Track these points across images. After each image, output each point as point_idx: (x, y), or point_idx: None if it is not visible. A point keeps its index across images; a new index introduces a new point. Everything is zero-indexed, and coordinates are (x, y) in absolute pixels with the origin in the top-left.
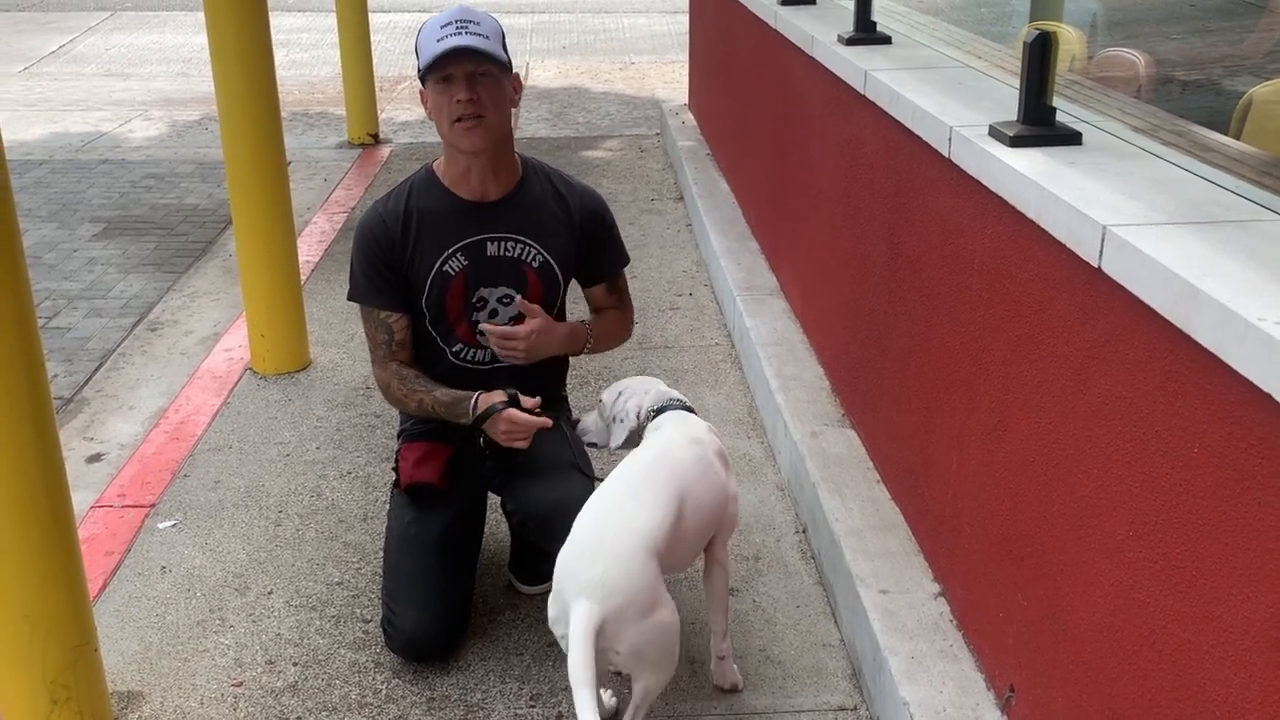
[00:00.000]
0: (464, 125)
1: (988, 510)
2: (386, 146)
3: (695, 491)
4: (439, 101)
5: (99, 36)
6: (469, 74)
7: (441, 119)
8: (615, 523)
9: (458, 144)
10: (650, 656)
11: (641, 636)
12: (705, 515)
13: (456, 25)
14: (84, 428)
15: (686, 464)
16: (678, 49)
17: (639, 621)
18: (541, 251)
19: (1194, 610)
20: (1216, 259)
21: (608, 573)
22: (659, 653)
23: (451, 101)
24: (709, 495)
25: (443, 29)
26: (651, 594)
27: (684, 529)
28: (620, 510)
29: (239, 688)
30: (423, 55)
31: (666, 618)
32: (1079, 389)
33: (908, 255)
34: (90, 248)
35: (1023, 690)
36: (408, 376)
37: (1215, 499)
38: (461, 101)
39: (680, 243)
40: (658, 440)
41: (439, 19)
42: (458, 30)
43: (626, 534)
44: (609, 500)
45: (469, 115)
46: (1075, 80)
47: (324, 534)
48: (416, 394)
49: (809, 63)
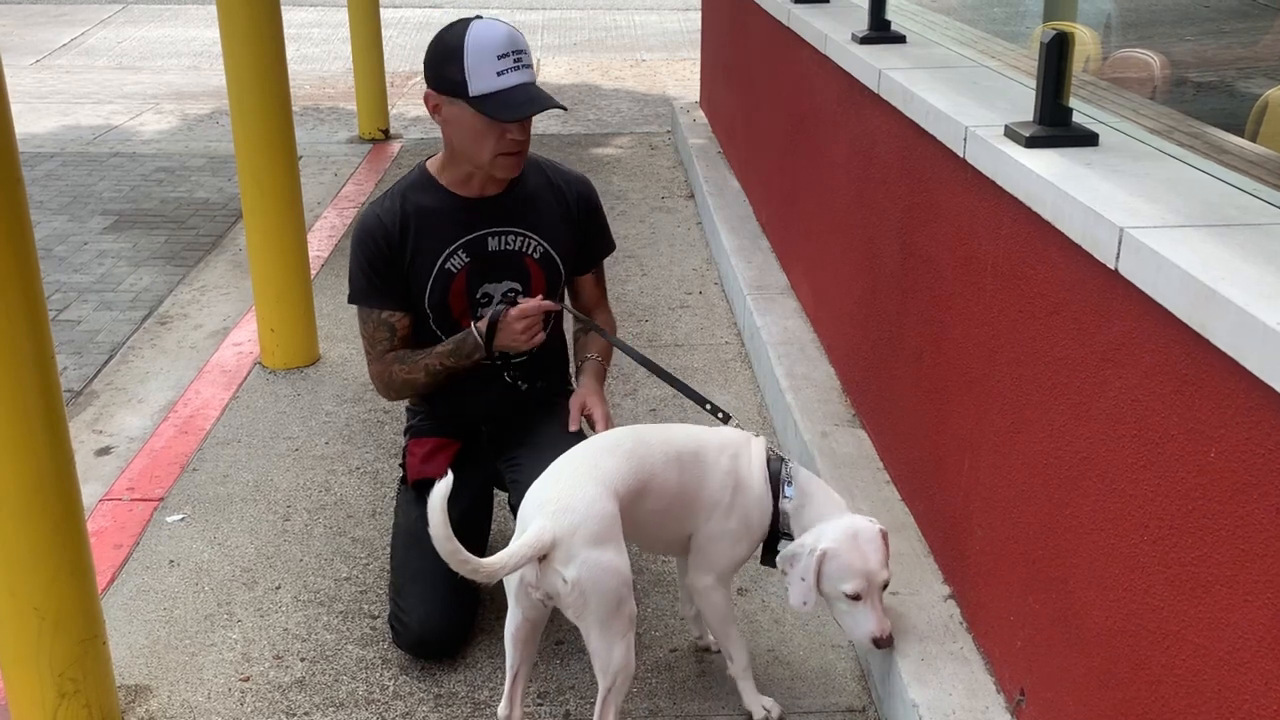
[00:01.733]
0: (510, 160)
1: (999, 512)
2: (397, 142)
3: (666, 478)
4: (484, 131)
5: (111, 29)
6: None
7: (482, 148)
8: (582, 459)
9: (496, 173)
10: (592, 597)
11: (586, 567)
12: (672, 502)
13: (515, 58)
14: (93, 421)
15: (658, 451)
16: (689, 46)
17: (588, 548)
18: (542, 243)
19: (1209, 615)
20: (1234, 262)
21: (565, 493)
22: (601, 594)
23: (503, 137)
24: (686, 487)
25: (499, 60)
26: (605, 525)
27: (649, 507)
28: (588, 457)
29: (246, 682)
30: (475, 81)
31: (614, 559)
32: (1094, 391)
33: (921, 255)
34: (101, 241)
35: (1033, 694)
36: (404, 355)
37: (1232, 503)
38: (516, 141)
39: (690, 241)
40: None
41: (490, 41)
42: (515, 64)
43: (590, 467)
44: (580, 450)
45: (518, 151)
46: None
47: (332, 529)
48: (420, 362)
49: (822, 61)
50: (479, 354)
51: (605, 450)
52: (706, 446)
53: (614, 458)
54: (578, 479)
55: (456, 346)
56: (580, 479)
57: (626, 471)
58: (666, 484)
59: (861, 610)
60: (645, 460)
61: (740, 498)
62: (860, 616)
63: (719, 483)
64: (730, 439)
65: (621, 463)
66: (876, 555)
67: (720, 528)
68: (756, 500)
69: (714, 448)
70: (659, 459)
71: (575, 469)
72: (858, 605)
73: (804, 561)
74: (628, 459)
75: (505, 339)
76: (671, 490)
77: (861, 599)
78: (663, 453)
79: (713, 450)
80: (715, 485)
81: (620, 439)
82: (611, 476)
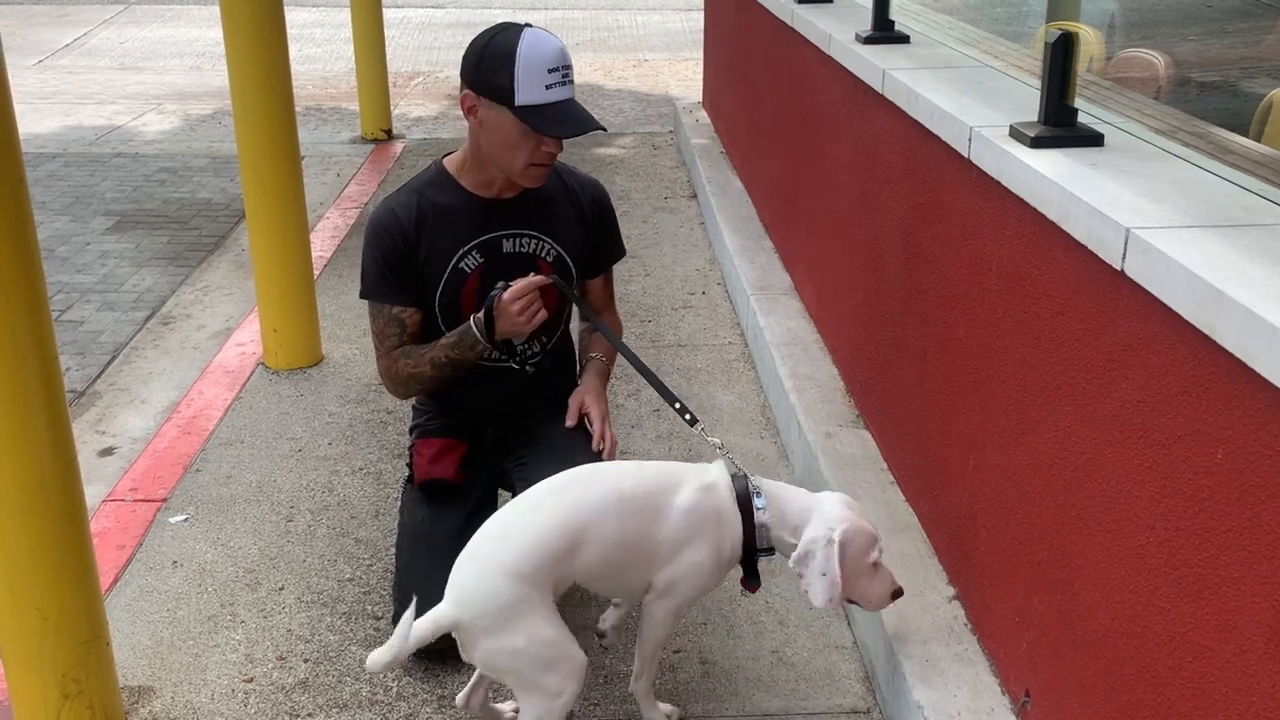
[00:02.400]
0: (540, 171)
1: (1004, 513)
2: (400, 142)
3: (603, 527)
4: (520, 141)
5: (113, 30)
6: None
7: (516, 156)
8: (496, 535)
9: (524, 182)
10: (503, 675)
11: (489, 655)
12: (612, 553)
13: (563, 73)
14: (96, 421)
15: (595, 499)
16: (692, 46)
17: (487, 639)
18: (555, 246)
19: (1215, 618)
20: (1241, 263)
21: (468, 580)
22: (511, 672)
23: (538, 149)
24: (630, 536)
25: (550, 73)
26: (505, 614)
27: (587, 560)
28: (501, 532)
29: (250, 683)
30: (524, 92)
31: (518, 644)
32: (1100, 392)
33: (925, 256)
34: (103, 241)
35: (1038, 696)
36: (409, 350)
37: (1239, 505)
38: (550, 154)
39: (693, 241)
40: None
41: (544, 55)
42: (563, 79)
43: (498, 547)
44: (514, 508)
45: (549, 164)
46: (1094, 81)
47: (335, 530)
48: (425, 356)
49: (826, 61)
50: (481, 345)
51: (525, 513)
52: (660, 488)
53: (528, 531)
54: (482, 568)
55: (459, 339)
56: (484, 568)
57: (541, 542)
58: (604, 535)
59: (882, 572)
60: (573, 516)
61: (718, 532)
62: (881, 579)
63: (676, 524)
64: (690, 476)
65: (538, 534)
66: (867, 519)
67: (686, 567)
68: (730, 530)
69: (668, 488)
70: (594, 510)
71: (482, 555)
72: (878, 570)
73: (821, 554)
74: (546, 526)
75: (505, 324)
76: (610, 540)
77: (879, 565)
78: (600, 502)
79: (666, 493)
80: (671, 528)
81: (547, 494)
82: (520, 556)
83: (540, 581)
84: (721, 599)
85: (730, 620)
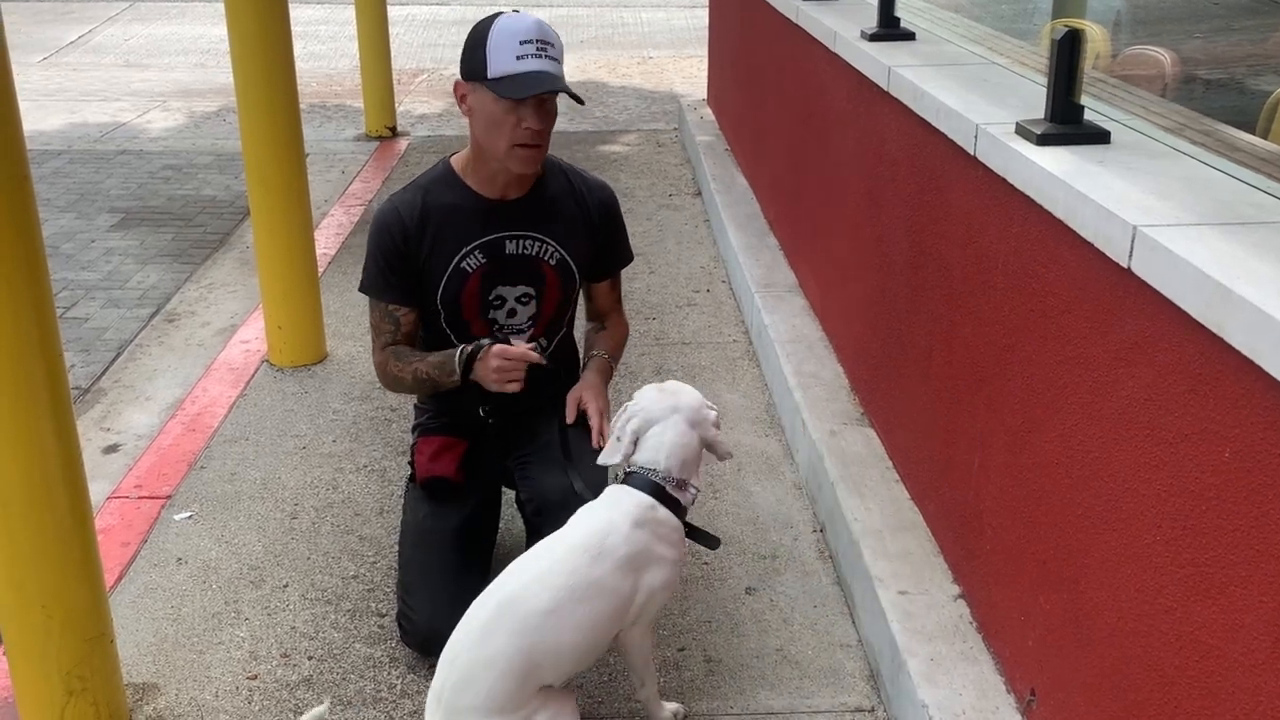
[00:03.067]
0: (525, 153)
1: (1010, 512)
2: (404, 139)
3: (552, 631)
4: (501, 119)
5: (118, 27)
6: (541, 101)
7: (499, 136)
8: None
9: (512, 166)
10: None
11: None
12: (583, 634)
13: (538, 46)
14: (101, 418)
15: (539, 609)
16: (696, 43)
17: None
18: (559, 249)
19: (1222, 617)
20: (1249, 260)
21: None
22: None
23: (519, 126)
24: (586, 615)
25: (522, 45)
26: None
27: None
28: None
29: (254, 680)
30: (494, 63)
31: None
32: (1106, 390)
33: (930, 253)
34: (108, 238)
35: (1044, 694)
36: (403, 352)
37: (1246, 504)
38: (531, 130)
39: (698, 238)
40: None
41: (516, 28)
42: (539, 52)
43: (462, 696)
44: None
45: (533, 144)
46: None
47: (340, 527)
48: (411, 364)
49: (831, 58)
50: (456, 378)
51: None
52: (596, 563)
53: (493, 671)
54: (454, 708)
55: (442, 363)
56: (457, 707)
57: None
58: (570, 627)
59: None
60: (523, 639)
61: (662, 543)
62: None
63: (622, 570)
64: (606, 523)
65: (499, 677)
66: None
67: (649, 591)
68: (667, 528)
69: (594, 552)
70: (545, 628)
71: (453, 689)
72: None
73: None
74: (503, 658)
75: (481, 371)
76: (585, 626)
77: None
78: (539, 615)
79: (590, 557)
80: (619, 579)
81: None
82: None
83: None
84: (726, 597)
85: (735, 619)
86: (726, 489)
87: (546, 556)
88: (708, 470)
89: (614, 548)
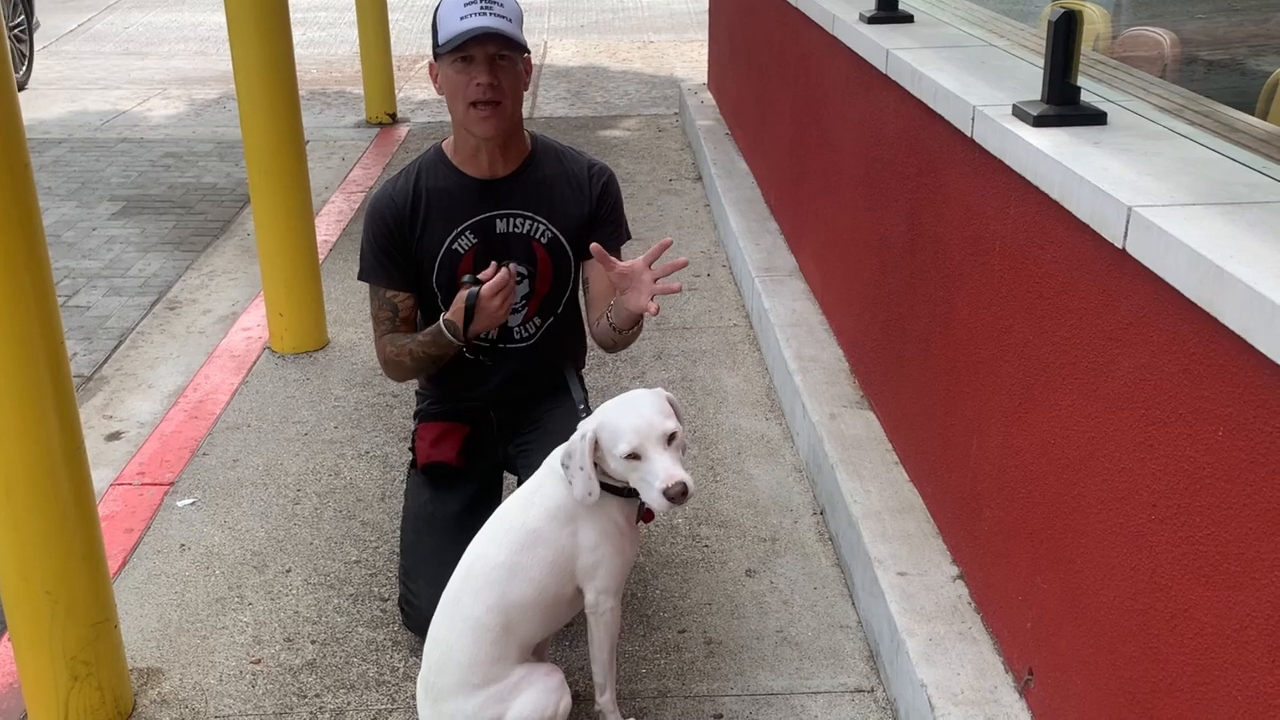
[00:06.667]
0: (481, 113)
1: (1008, 493)
2: (404, 126)
3: (511, 584)
4: (456, 81)
5: (118, 15)
6: (490, 57)
7: (457, 100)
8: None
9: (472, 129)
10: None
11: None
12: (534, 586)
13: (482, 5)
14: (103, 406)
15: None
16: (697, 28)
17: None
18: (550, 228)
19: (1217, 595)
20: (1244, 240)
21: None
22: None
23: (470, 84)
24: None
25: (466, 6)
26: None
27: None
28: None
29: (258, 665)
30: (442, 31)
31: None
32: (1102, 371)
33: (929, 236)
34: (109, 226)
35: (1041, 673)
36: (396, 338)
37: (1240, 483)
38: (481, 85)
39: (699, 223)
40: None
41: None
42: (482, 10)
43: (447, 674)
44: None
45: (486, 101)
46: (1100, 59)
47: (342, 513)
48: (406, 347)
49: (830, 41)
50: (458, 344)
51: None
52: (528, 511)
53: (466, 638)
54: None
55: (434, 338)
56: (441, 712)
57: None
58: (523, 579)
59: (646, 467)
60: (495, 596)
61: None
62: (648, 474)
63: (554, 519)
64: (537, 478)
65: (474, 643)
66: (651, 408)
67: (588, 548)
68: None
69: (526, 502)
70: (504, 580)
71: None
72: (642, 464)
73: (578, 449)
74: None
75: (485, 319)
76: (534, 576)
77: (642, 458)
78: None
79: (522, 506)
80: (555, 528)
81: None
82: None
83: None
84: (726, 579)
85: (735, 601)
86: (727, 472)
87: (496, 518)
88: (708, 454)
89: (545, 497)
